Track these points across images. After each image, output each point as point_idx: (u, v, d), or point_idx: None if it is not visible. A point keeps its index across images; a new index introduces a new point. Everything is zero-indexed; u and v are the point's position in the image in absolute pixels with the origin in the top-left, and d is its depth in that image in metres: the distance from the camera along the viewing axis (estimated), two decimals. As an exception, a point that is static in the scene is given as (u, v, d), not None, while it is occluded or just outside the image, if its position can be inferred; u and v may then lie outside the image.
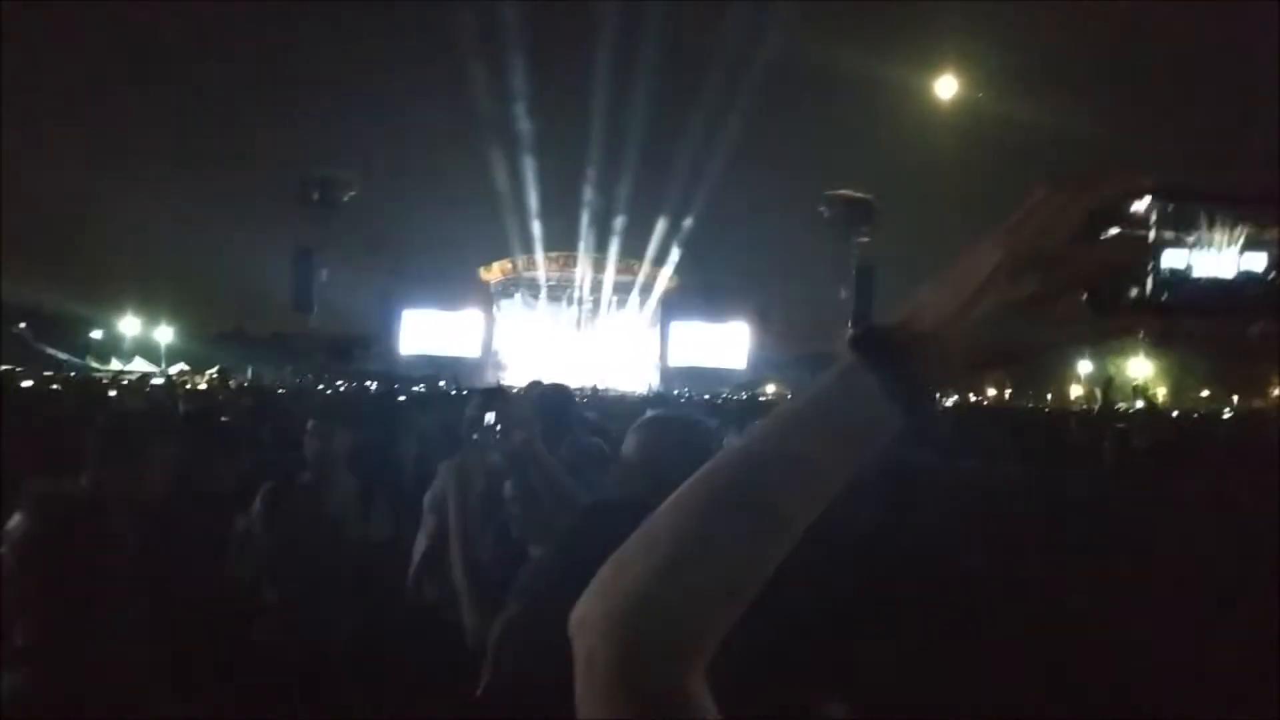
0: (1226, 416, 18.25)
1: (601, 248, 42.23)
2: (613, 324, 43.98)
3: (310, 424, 3.95)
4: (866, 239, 28.95)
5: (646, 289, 43.31)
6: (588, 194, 40.07)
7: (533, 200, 39.64)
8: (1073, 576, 3.04)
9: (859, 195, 29.84)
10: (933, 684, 2.42)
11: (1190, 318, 0.66)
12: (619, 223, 40.83)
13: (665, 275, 42.87)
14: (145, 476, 2.68)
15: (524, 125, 38.37)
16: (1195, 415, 17.83)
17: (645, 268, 42.91)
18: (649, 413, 2.37)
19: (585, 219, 40.90)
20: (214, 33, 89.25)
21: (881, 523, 3.40)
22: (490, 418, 2.18)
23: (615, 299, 43.82)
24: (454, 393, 11.35)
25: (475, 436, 2.25)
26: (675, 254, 41.71)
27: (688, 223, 40.36)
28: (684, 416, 2.32)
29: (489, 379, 30.33)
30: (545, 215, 40.79)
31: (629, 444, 2.14)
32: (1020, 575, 2.96)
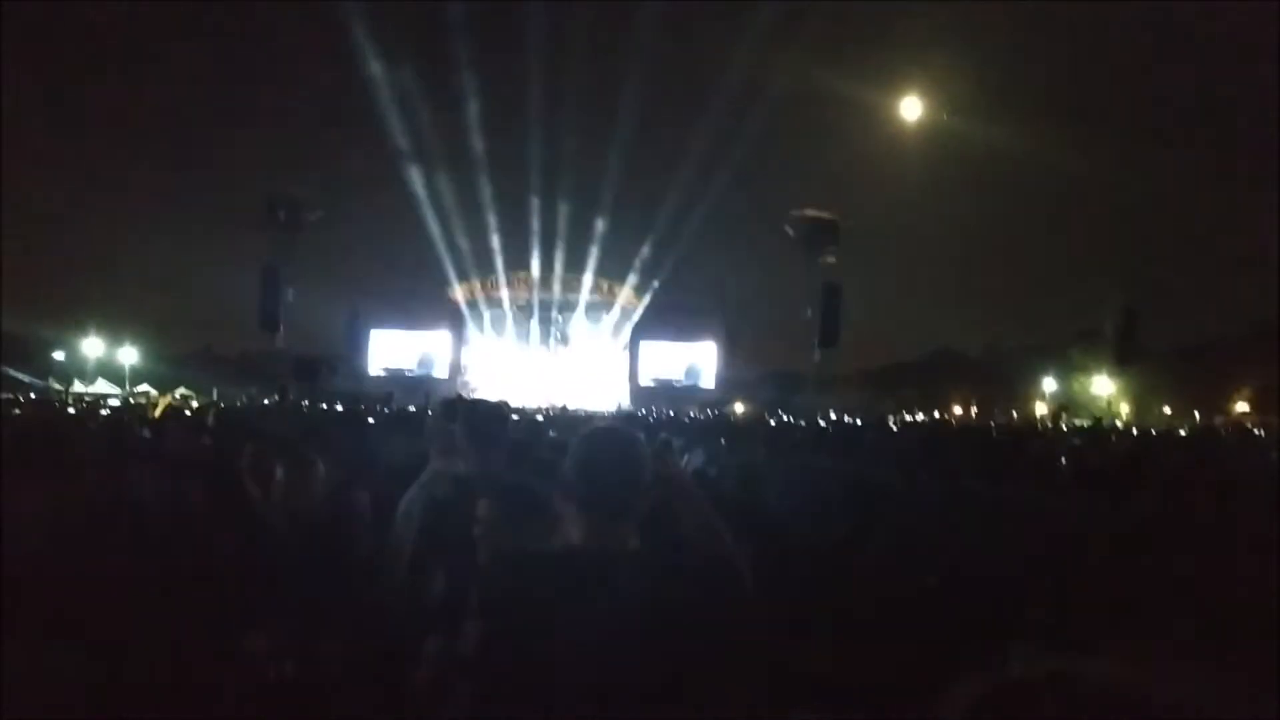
0: (1182, 434, 18.65)
1: (571, 267, 42.41)
2: (582, 343, 44.09)
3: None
4: (832, 259, 29.21)
5: (616, 309, 43.48)
6: (556, 214, 40.22)
7: (502, 220, 39.75)
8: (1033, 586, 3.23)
9: (824, 215, 30.11)
10: (893, 687, 2.59)
11: None
12: (588, 243, 41.02)
13: (634, 295, 43.06)
14: None
15: (493, 145, 38.50)
16: (1151, 432, 18.23)
17: (614, 288, 43.11)
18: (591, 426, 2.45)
19: (554, 239, 41.03)
20: (177, 51, 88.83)
21: (850, 535, 3.59)
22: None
23: (585, 318, 43.95)
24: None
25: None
26: (644, 274, 41.99)
27: (656, 243, 40.61)
28: (617, 429, 2.38)
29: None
30: (514, 235, 40.90)
31: (571, 455, 2.22)
32: (977, 581, 3.14)
